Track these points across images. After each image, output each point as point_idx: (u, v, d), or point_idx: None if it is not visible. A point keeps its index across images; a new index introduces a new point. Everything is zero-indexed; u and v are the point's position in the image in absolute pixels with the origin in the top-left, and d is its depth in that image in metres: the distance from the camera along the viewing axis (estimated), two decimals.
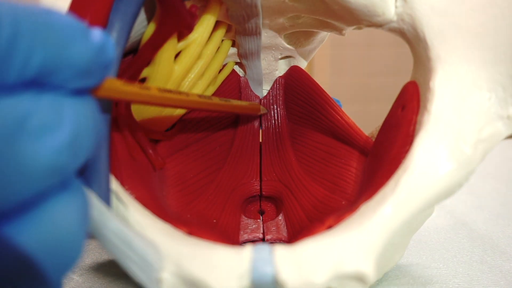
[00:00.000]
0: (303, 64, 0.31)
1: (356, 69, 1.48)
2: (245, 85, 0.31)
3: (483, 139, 0.18)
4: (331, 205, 0.24)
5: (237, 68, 0.31)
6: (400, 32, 0.22)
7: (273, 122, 0.31)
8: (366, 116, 1.42)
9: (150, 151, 0.23)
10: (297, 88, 0.30)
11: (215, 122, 0.30)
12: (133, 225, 0.17)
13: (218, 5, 0.24)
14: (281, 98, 0.31)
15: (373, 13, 0.22)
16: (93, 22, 0.18)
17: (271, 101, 0.31)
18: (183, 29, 0.22)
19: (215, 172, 0.28)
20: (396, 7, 0.21)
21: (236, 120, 0.31)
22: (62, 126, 0.11)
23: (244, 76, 0.31)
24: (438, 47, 0.20)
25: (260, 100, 0.31)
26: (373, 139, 0.25)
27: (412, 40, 0.21)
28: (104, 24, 0.19)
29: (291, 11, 0.25)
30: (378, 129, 0.25)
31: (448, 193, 0.18)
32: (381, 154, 0.22)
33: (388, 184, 0.18)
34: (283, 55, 0.30)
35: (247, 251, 0.16)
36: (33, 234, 0.11)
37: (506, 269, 0.24)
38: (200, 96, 0.22)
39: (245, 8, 0.24)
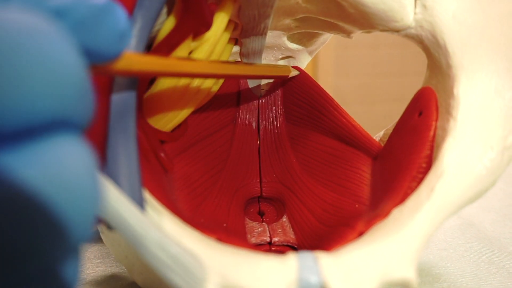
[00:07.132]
0: (302, 64, 0.31)
1: (361, 70, 1.48)
2: (244, 84, 0.30)
3: (508, 146, 0.19)
4: (344, 207, 0.24)
5: None
6: (417, 39, 0.22)
7: (271, 122, 0.31)
8: (371, 117, 1.44)
9: (162, 153, 0.23)
10: (297, 88, 0.30)
11: (216, 121, 0.29)
12: (169, 234, 0.16)
13: (232, 3, 0.23)
14: (279, 99, 0.31)
15: (391, 18, 0.22)
16: None
17: (269, 101, 0.31)
18: (202, 28, 0.21)
19: (218, 173, 0.28)
20: (415, 13, 0.22)
21: (234, 118, 0.30)
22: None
23: None
24: (459, 55, 0.20)
25: (258, 99, 0.31)
26: (382, 143, 0.25)
27: (430, 47, 0.22)
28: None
29: (302, 12, 0.25)
30: (386, 131, 0.25)
31: (477, 197, 0.18)
32: (397, 157, 0.22)
33: (421, 190, 0.18)
34: (283, 55, 0.30)
35: (292, 259, 0.16)
36: (35, 164, 0.09)
37: None
38: (222, 62, 0.22)
39: (259, 8, 0.24)
